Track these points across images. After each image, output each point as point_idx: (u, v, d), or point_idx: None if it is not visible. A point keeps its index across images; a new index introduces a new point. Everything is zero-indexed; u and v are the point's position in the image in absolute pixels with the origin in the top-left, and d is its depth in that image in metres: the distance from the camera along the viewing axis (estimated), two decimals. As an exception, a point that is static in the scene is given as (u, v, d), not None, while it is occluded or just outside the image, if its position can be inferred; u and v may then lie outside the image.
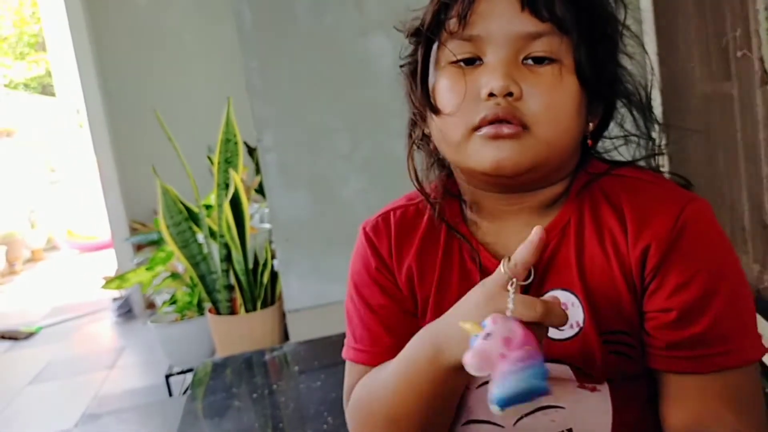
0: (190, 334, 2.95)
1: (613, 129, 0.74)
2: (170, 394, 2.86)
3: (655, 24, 1.95)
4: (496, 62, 0.65)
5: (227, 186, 2.64)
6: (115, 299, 4.28)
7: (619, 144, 0.74)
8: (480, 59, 0.66)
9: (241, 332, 2.63)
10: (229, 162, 2.70)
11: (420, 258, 0.75)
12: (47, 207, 7.47)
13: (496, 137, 0.64)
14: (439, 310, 0.72)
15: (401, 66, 0.74)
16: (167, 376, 2.89)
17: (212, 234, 2.74)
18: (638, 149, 0.73)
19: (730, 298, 0.65)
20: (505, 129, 0.64)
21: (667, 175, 0.75)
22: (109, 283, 3.21)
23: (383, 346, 0.76)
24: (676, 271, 0.65)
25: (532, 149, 0.64)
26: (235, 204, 2.60)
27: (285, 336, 2.58)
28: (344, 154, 2.12)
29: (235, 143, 2.71)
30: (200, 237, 2.77)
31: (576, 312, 0.68)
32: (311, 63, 2.08)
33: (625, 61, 0.72)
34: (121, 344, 3.82)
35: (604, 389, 0.69)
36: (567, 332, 0.69)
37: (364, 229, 0.80)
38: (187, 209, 2.75)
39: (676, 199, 0.67)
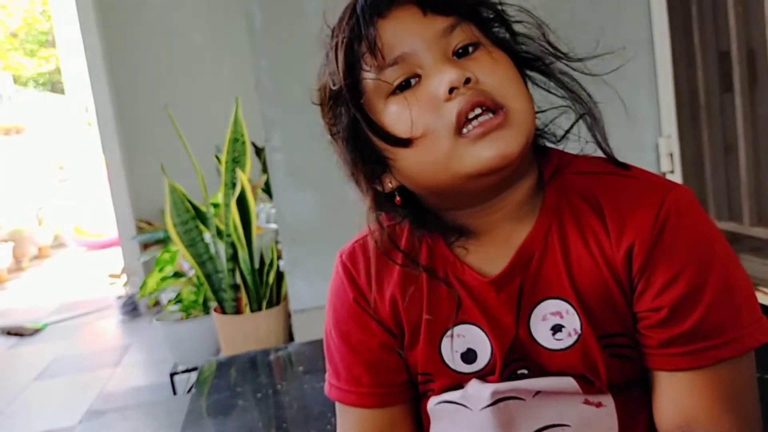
0: (195, 333, 2.96)
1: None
2: (174, 393, 2.87)
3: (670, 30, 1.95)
4: (437, 63, 0.63)
5: (234, 185, 2.64)
6: (120, 297, 4.29)
7: (555, 116, 0.72)
8: (416, 76, 0.64)
9: (246, 332, 2.63)
10: (236, 161, 2.70)
11: (404, 283, 0.72)
12: (55, 204, 7.50)
13: (485, 133, 0.61)
14: (432, 334, 0.71)
15: (332, 136, 0.71)
16: (172, 375, 2.90)
17: (219, 233, 2.74)
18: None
19: (721, 288, 0.64)
20: (490, 121, 0.61)
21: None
22: (141, 289, 3.18)
23: (367, 386, 0.75)
24: (662, 268, 0.64)
25: (520, 125, 0.63)
26: (242, 203, 2.60)
27: (290, 336, 2.58)
28: (352, 155, 2.11)
29: (243, 143, 2.72)
30: (207, 236, 2.77)
31: (572, 320, 0.67)
32: (320, 64, 2.08)
33: None
34: (126, 342, 3.83)
35: (610, 405, 0.68)
36: (566, 341, 0.67)
37: (341, 257, 0.78)
38: (195, 208, 2.76)
39: (654, 191, 0.66)
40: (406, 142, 0.64)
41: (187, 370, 2.90)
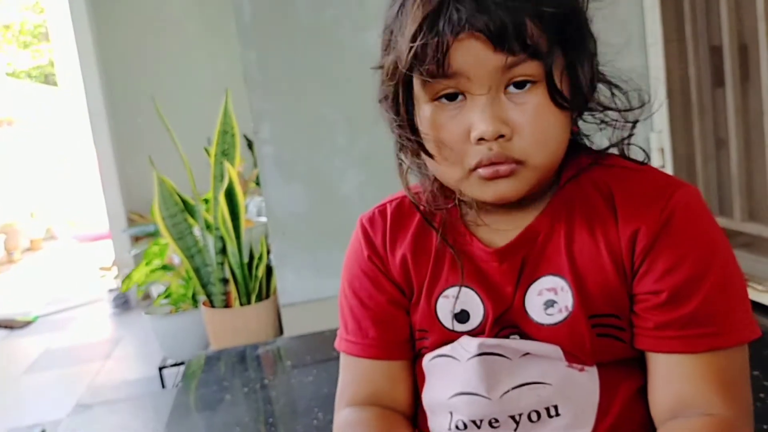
0: (185, 327, 2.94)
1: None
2: (163, 386, 2.86)
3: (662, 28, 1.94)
4: (482, 103, 0.65)
5: (223, 178, 2.63)
6: (111, 290, 4.28)
7: (600, 127, 0.74)
8: (462, 95, 0.66)
9: (235, 325, 2.62)
10: (225, 154, 2.69)
11: (415, 245, 0.78)
12: (47, 197, 7.47)
13: (490, 179, 0.66)
14: (430, 293, 0.76)
15: (380, 101, 0.73)
16: (161, 368, 2.88)
17: (208, 227, 2.73)
18: (615, 133, 0.74)
19: (719, 281, 0.67)
20: (501, 169, 0.65)
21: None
22: (124, 282, 3.16)
23: (372, 338, 0.79)
24: (665, 254, 0.67)
25: (528, 178, 0.67)
26: (230, 196, 2.58)
27: (279, 330, 2.57)
28: (342, 148, 2.10)
29: (233, 135, 2.70)
30: (196, 230, 2.76)
31: (565, 297, 0.70)
32: (310, 56, 2.07)
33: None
34: (117, 335, 3.82)
35: (593, 370, 0.70)
36: (556, 317, 0.70)
37: (361, 221, 0.83)
38: (183, 201, 2.74)
39: (664, 185, 0.69)
40: (429, 155, 0.69)
41: (176, 364, 2.89)
